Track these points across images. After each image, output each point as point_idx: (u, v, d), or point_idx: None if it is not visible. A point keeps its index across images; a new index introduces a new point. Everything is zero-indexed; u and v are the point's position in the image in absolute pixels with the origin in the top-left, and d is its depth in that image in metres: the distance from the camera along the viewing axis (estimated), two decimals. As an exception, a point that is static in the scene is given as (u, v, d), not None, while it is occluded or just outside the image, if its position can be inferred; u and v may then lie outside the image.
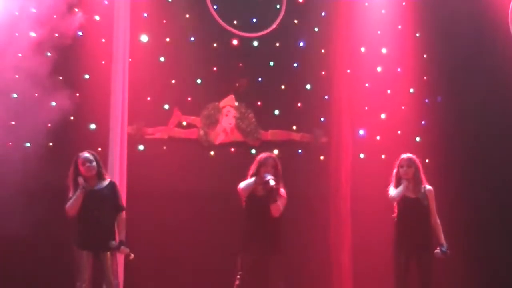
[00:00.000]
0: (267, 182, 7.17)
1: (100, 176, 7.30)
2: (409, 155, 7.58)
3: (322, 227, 9.31)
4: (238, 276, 7.21)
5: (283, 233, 7.38)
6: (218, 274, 8.57)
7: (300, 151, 9.69)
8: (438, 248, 7.37)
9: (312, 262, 9.13)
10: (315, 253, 9.19)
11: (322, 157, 9.67)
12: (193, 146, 9.46)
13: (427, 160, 8.80)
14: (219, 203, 9.00)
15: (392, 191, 7.46)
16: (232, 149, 9.47)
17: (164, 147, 9.31)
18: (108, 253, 7.06)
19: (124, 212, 7.30)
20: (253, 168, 7.45)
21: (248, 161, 9.25)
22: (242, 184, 7.31)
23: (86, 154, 7.32)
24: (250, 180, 7.30)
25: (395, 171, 7.56)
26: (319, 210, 9.30)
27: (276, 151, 8.98)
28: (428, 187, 7.51)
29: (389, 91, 9.76)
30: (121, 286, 7.89)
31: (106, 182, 7.30)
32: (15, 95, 8.40)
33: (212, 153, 9.46)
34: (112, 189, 7.30)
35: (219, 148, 9.52)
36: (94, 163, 7.26)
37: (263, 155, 7.47)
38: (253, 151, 9.38)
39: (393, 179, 7.56)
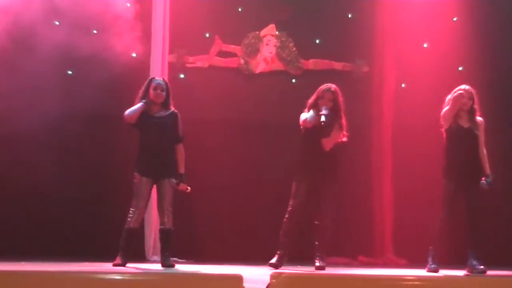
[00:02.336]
0: (320, 116, 7.17)
1: (166, 105, 7.26)
2: (466, 87, 7.46)
3: (364, 156, 9.31)
4: (290, 206, 7.26)
5: (339, 164, 7.39)
6: (266, 203, 8.66)
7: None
8: (484, 179, 7.32)
9: (354, 191, 9.15)
10: (356, 182, 9.20)
11: (364, 87, 9.58)
12: (233, 75, 9.48)
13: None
14: (259, 132, 9.04)
15: (305, 115, 7.35)
16: (273, 78, 9.45)
17: (205, 76, 9.33)
18: (166, 180, 7.09)
19: (182, 144, 7.22)
20: (312, 98, 7.42)
21: (289, 90, 9.33)
22: (304, 116, 7.25)
23: (160, 81, 7.30)
24: (311, 113, 7.26)
25: (452, 96, 7.38)
26: (361, 139, 9.27)
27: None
28: (480, 118, 7.43)
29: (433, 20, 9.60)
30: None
31: (169, 112, 7.28)
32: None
33: (253, 82, 9.46)
34: (174, 118, 7.19)
35: (259, 77, 9.52)
36: (164, 93, 7.25)
37: (322, 87, 7.42)
38: (294, 80, 9.33)
39: (449, 105, 7.40)
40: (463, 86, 7.43)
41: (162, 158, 7.05)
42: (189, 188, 7.14)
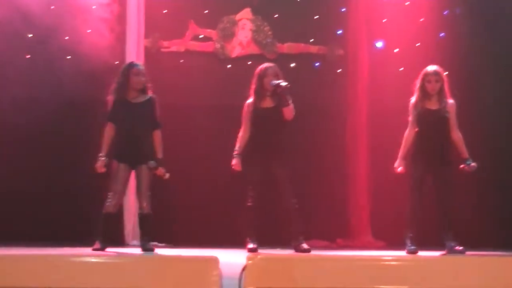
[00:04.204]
0: (277, 84, 7.18)
1: (144, 91, 7.19)
2: (435, 68, 7.44)
3: (339, 140, 9.31)
4: (250, 195, 7.28)
5: (290, 143, 7.40)
6: (231, 189, 8.68)
7: (317, 64, 9.63)
8: (464, 165, 7.32)
9: (328, 174, 9.17)
10: (331, 165, 9.21)
11: (339, 70, 9.60)
12: (209, 59, 9.43)
13: (445, 73, 8.72)
14: (235, 117, 9.01)
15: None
16: (249, 62, 9.42)
17: (181, 60, 9.28)
18: (144, 166, 7.05)
19: (159, 130, 7.22)
20: (254, 82, 7.42)
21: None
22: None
23: (140, 66, 7.23)
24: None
25: (419, 83, 7.43)
26: (336, 122, 9.29)
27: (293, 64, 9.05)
28: (450, 101, 7.42)
29: (407, 3, 9.60)
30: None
31: (147, 97, 7.20)
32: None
33: (228, 66, 9.43)
34: (151, 104, 7.18)
35: (235, 61, 9.49)
36: (144, 78, 7.17)
37: (261, 67, 7.44)
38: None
39: (417, 92, 7.44)
40: (429, 68, 7.43)
41: (139, 144, 7.05)
42: (167, 174, 7.13)
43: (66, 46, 8.41)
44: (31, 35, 8.72)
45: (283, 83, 7.20)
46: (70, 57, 8.55)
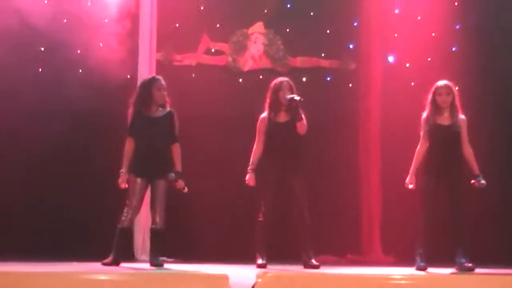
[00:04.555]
0: (292, 99, 7.20)
1: (163, 105, 7.20)
2: (445, 82, 7.44)
3: (351, 155, 9.32)
4: (261, 210, 7.29)
5: (305, 157, 7.45)
6: (242, 203, 8.67)
7: (329, 78, 9.63)
8: (474, 181, 7.30)
9: (341, 189, 9.16)
10: (343, 180, 9.21)
11: (350, 84, 9.60)
12: (221, 73, 9.46)
13: (456, 88, 8.72)
14: (247, 130, 9.02)
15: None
16: (261, 76, 9.43)
17: (193, 74, 9.31)
18: (161, 180, 7.05)
19: (178, 143, 7.18)
20: (269, 96, 7.43)
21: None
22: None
23: (162, 80, 7.22)
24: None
25: (430, 97, 7.43)
26: (348, 137, 9.29)
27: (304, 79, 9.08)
28: (462, 116, 7.40)
29: (419, 17, 9.60)
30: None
31: (166, 111, 7.21)
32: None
33: (240, 80, 9.45)
34: (170, 118, 7.14)
35: (247, 74, 9.50)
36: (165, 92, 7.18)
37: (276, 81, 7.46)
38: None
39: (428, 106, 7.44)
40: (440, 83, 7.43)
41: (157, 158, 7.04)
42: (186, 188, 7.12)
43: (78, 60, 8.44)
44: (43, 48, 8.77)
45: (297, 97, 7.23)
46: (81, 70, 8.57)
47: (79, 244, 8.39)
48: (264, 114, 7.49)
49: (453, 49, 9.56)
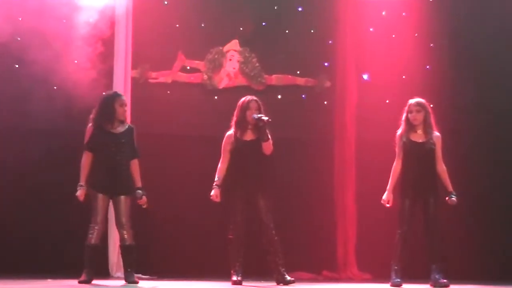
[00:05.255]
0: (260, 118, 7.18)
1: (123, 121, 7.19)
2: (417, 99, 7.50)
3: (327, 172, 9.33)
4: (231, 228, 7.26)
5: (271, 175, 7.44)
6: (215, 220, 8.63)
7: (304, 96, 9.66)
8: (448, 198, 7.35)
9: (317, 206, 9.17)
10: (318, 197, 9.21)
11: (326, 102, 9.63)
12: (197, 90, 9.45)
13: (431, 105, 8.77)
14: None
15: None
16: (236, 94, 9.42)
17: (168, 91, 9.30)
18: (123, 196, 7.02)
19: (137, 159, 7.15)
20: (236, 114, 7.41)
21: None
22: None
23: (123, 96, 7.22)
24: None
25: (404, 115, 7.49)
26: (323, 154, 9.30)
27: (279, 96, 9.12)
28: (436, 133, 7.45)
29: (393, 36, 9.68)
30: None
31: (126, 127, 7.20)
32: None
33: (216, 97, 9.45)
34: (130, 134, 7.13)
35: (223, 92, 9.51)
36: (126, 108, 7.19)
37: (244, 99, 7.44)
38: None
39: (403, 123, 7.49)
40: (412, 100, 7.49)
41: (119, 174, 7.01)
42: (146, 204, 7.10)
43: (52, 78, 8.37)
44: (17, 65, 8.74)
45: (265, 118, 7.20)
46: (56, 87, 8.52)
47: (54, 261, 8.32)
48: (230, 132, 7.45)
49: (427, 67, 9.63)
